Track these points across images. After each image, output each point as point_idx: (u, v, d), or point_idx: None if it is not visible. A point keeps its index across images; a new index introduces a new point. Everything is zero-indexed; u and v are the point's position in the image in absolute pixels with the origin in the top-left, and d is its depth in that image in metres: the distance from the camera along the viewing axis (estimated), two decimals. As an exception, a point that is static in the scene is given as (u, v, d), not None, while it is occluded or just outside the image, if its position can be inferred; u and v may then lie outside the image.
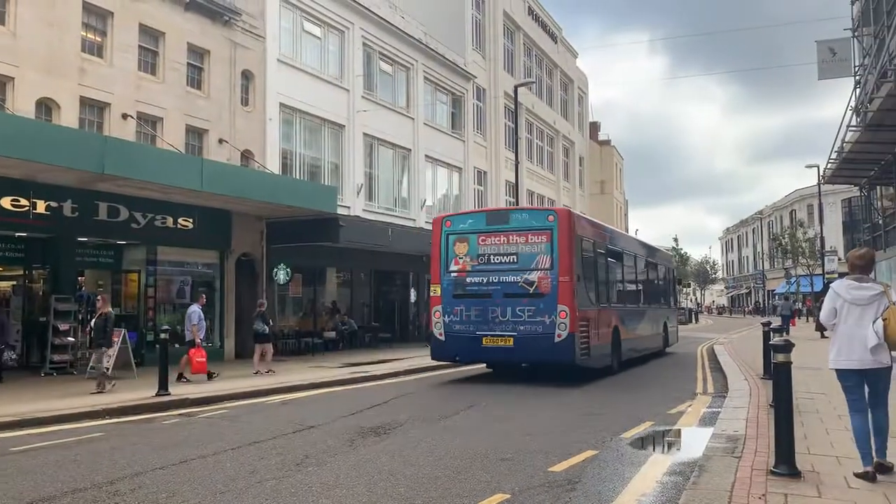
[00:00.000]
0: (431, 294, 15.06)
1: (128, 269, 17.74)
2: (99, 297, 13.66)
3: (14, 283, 16.53)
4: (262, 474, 6.68)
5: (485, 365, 16.11)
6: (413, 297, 27.35)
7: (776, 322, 23.50)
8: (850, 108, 17.77)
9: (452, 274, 14.62)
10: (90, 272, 17.50)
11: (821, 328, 21.84)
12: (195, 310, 14.59)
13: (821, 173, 29.53)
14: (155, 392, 11.58)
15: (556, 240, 13.76)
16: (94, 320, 13.08)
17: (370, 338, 24.64)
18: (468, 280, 14.45)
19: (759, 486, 5.69)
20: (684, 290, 76.11)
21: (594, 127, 54.99)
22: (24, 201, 14.18)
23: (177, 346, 17.40)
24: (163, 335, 12.39)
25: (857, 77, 18.47)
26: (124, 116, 16.52)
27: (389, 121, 26.07)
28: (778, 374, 6.32)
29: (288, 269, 20.26)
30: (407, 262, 26.67)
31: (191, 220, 17.69)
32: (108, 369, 12.87)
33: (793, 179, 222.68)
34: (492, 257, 14.34)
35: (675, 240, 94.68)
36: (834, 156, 19.35)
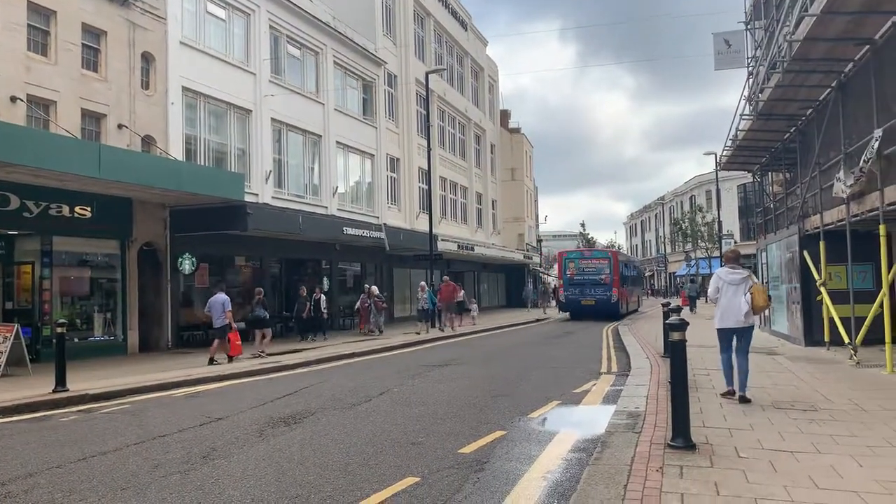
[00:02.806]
0: (557, 285, 37.49)
1: (20, 261, 16.77)
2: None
3: None
4: (167, 468, 6.51)
5: (568, 315, 33.99)
6: (326, 286, 27.04)
7: (676, 303, 24.65)
8: (743, 97, 18.62)
9: (567, 274, 33.62)
10: (-23, 264, 16.53)
11: None
12: (225, 297, 15.83)
13: (718, 160, 30.89)
14: (52, 388, 11.08)
15: (612, 263, 33.31)
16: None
17: (281, 327, 24.25)
18: (575, 278, 33.28)
19: (657, 459, 5.97)
20: None
21: (504, 115, 55.63)
22: None
23: (76, 340, 16.77)
24: (59, 329, 11.83)
25: (750, 68, 19.34)
26: (13, 99, 15.56)
27: (298, 106, 25.60)
28: (674, 352, 6.61)
29: (193, 259, 19.69)
30: (319, 250, 26.38)
31: (89, 209, 16.92)
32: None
33: (694, 166, 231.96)
34: (585, 269, 33.34)
35: (583, 225, 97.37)
36: (729, 143, 20.18)
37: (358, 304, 25.76)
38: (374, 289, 25.51)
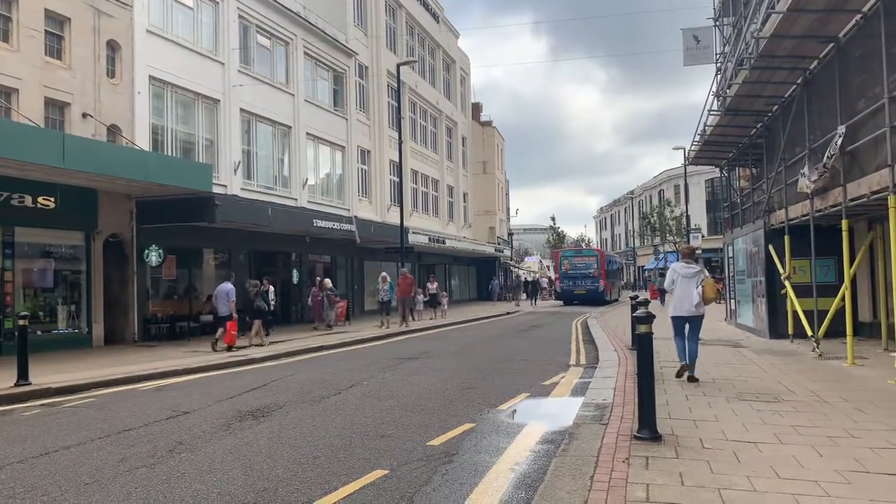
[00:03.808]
0: (555, 278, 47.43)
1: (-20, 252, 16.43)
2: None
3: None
4: (132, 462, 6.43)
5: (562, 302, 43.03)
6: (295, 279, 26.85)
7: (644, 296, 24.95)
8: (711, 93, 18.84)
9: (563, 269, 43.28)
10: (-64, 255, 16.13)
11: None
12: (231, 287, 16.76)
13: (686, 155, 31.21)
14: (14, 382, 10.87)
15: (598, 259, 43.56)
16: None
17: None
18: (569, 272, 42.84)
19: (623, 450, 6.03)
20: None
21: (476, 108, 55.64)
22: None
23: (39, 333, 16.47)
24: (22, 322, 11.60)
25: (718, 64, 19.54)
26: (-27, 86, 15.23)
27: (268, 96, 25.34)
28: (640, 345, 6.69)
29: (160, 251, 19.40)
30: (289, 243, 26.18)
31: (52, 199, 16.59)
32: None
33: (664, 160, 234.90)
34: (577, 264, 43.09)
35: (553, 219, 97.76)
36: (697, 138, 20.41)
37: (310, 298, 24.62)
38: (327, 281, 24.39)
